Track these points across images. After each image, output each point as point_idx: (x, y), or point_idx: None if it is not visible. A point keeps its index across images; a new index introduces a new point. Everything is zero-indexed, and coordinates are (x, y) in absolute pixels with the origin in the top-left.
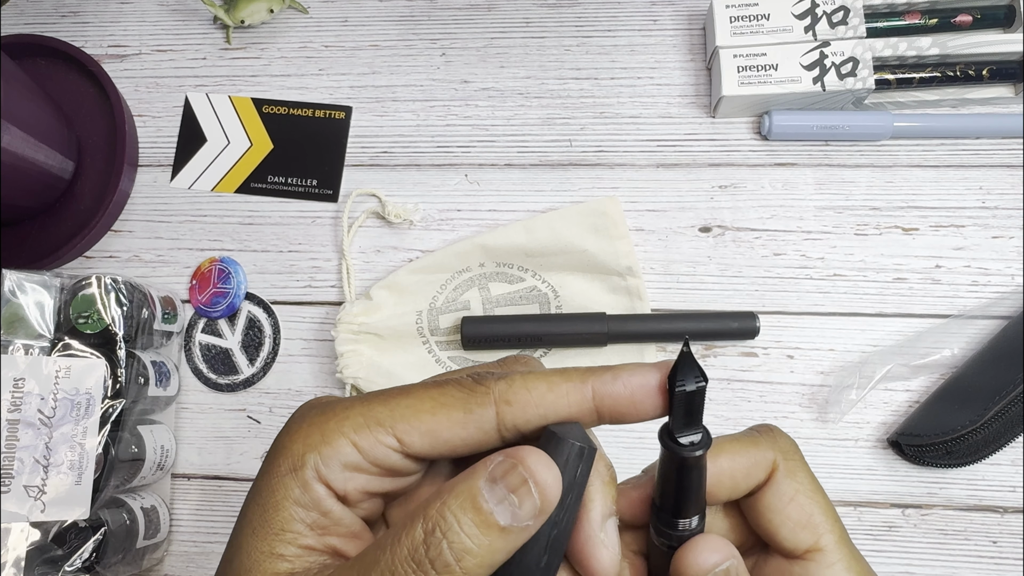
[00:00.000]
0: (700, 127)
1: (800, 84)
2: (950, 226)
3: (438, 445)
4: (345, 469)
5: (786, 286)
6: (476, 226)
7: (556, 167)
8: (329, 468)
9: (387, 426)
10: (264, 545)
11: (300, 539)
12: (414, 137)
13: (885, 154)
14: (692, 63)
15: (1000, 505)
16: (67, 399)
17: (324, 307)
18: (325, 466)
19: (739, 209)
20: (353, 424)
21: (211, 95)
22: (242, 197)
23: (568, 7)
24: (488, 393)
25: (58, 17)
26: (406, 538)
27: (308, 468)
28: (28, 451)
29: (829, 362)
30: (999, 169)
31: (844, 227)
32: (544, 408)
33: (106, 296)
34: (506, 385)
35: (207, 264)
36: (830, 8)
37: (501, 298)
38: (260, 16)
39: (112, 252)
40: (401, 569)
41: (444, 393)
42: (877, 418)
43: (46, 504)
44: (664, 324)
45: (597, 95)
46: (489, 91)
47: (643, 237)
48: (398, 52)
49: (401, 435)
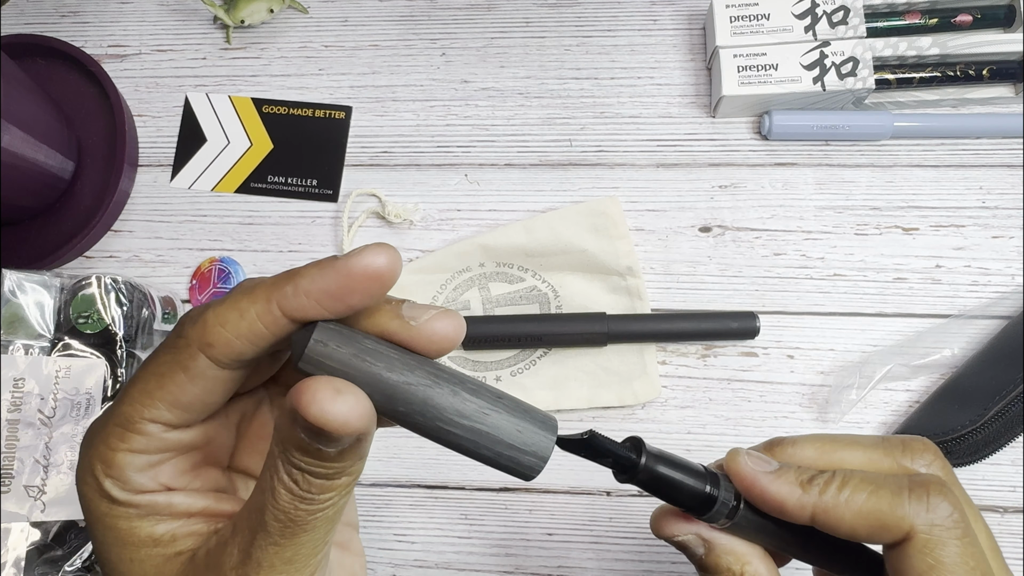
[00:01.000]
0: (700, 127)
1: (800, 84)
2: (950, 226)
3: (187, 404)
4: (143, 471)
5: (786, 286)
6: (476, 226)
7: (556, 167)
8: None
9: (137, 420)
10: (138, 553)
11: (162, 541)
12: (414, 137)
13: (885, 154)
14: (692, 63)
15: (1000, 505)
16: (67, 399)
17: None
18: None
19: (739, 209)
20: (114, 436)
21: (211, 95)
22: (242, 197)
23: (568, 7)
24: (189, 345)
25: (58, 17)
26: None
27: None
28: (28, 451)
29: (829, 362)
30: (999, 169)
31: (844, 227)
32: (244, 339)
33: (106, 296)
34: (201, 329)
35: (207, 264)
36: (830, 8)
37: (501, 298)
38: (260, 16)
39: (112, 252)
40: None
41: (159, 363)
42: (877, 418)
43: (46, 504)
44: (664, 324)
45: (597, 95)
46: (489, 91)
47: (643, 237)
48: (398, 52)
49: (154, 418)
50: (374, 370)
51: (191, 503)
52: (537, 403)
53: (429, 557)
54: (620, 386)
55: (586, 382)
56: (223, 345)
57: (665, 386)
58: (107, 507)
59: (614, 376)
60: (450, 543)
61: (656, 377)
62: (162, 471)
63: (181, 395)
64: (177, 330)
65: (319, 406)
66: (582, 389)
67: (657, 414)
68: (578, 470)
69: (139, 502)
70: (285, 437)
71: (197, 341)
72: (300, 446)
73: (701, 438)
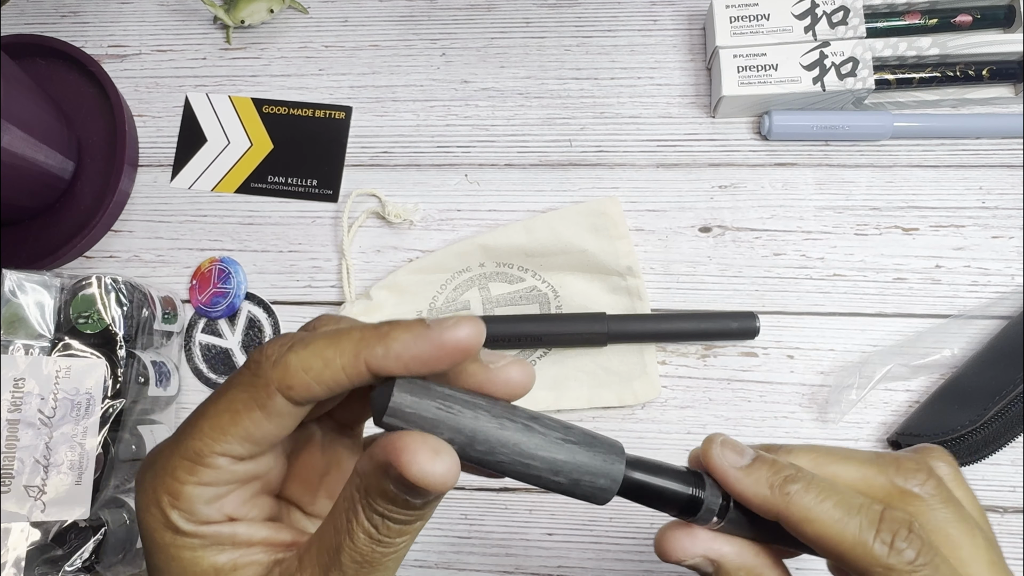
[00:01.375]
0: (700, 127)
1: (800, 84)
2: (950, 226)
3: (260, 439)
4: (210, 503)
5: (786, 286)
6: (476, 226)
7: (556, 167)
8: (196, 515)
9: (207, 454)
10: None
11: (224, 570)
12: (414, 137)
13: (885, 154)
14: (692, 63)
15: (1000, 505)
16: (67, 399)
17: (324, 307)
18: (193, 517)
19: (739, 209)
20: (182, 469)
21: (211, 95)
22: (242, 197)
23: (568, 7)
24: (269, 385)
25: (58, 17)
26: (357, 526)
27: (182, 524)
28: (28, 451)
29: (829, 362)
30: (999, 169)
31: (844, 227)
32: (325, 385)
33: (106, 296)
34: (282, 371)
35: (207, 264)
36: (830, 8)
37: (501, 298)
38: (260, 16)
39: (112, 252)
40: (365, 547)
41: (233, 400)
42: (877, 418)
43: (46, 504)
44: (664, 324)
45: (597, 95)
46: (489, 91)
47: (643, 237)
48: (398, 52)
49: (225, 452)
50: (460, 419)
51: (252, 533)
52: (537, 403)
53: (429, 557)
54: (620, 386)
55: (586, 382)
56: (303, 388)
57: (665, 386)
58: (171, 537)
59: (614, 376)
60: (450, 543)
61: (656, 377)
62: (226, 502)
63: (255, 431)
64: (253, 368)
65: (420, 466)
66: (582, 389)
67: (657, 414)
68: None
69: (204, 532)
70: (370, 486)
71: (277, 382)
72: (387, 496)
73: (701, 438)
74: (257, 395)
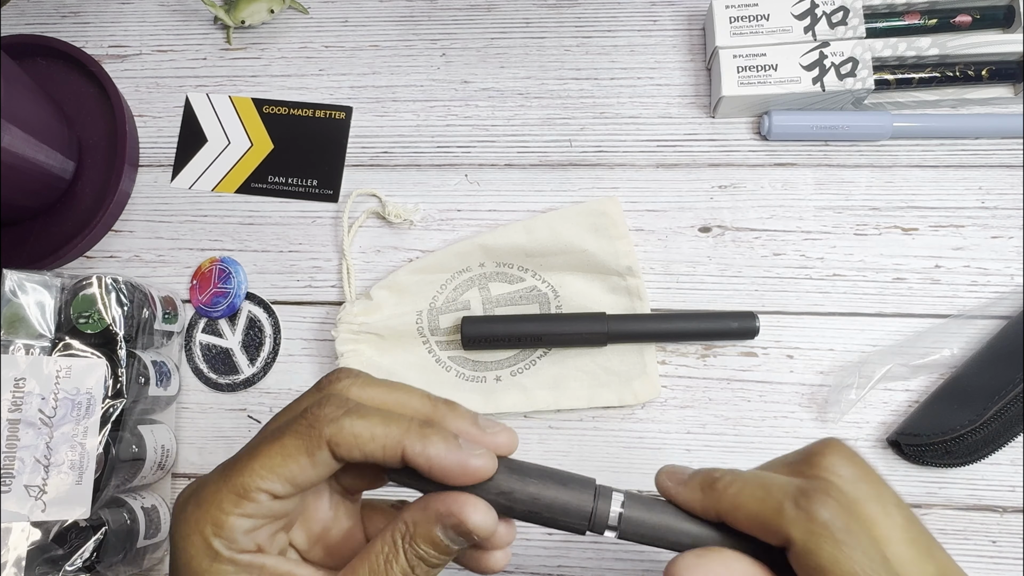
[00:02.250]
0: (700, 127)
1: (800, 84)
2: (949, 226)
3: (300, 483)
4: (248, 534)
5: (786, 286)
6: (476, 226)
7: (556, 167)
8: (235, 543)
9: (253, 489)
10: None
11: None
12: (414, 137)
13: (885, 154)
14: (692, 63)
15: (999, 505)
16: (68, 399)
17: (324, 307)
18: (232, 545)
19: (739, 209)
20: (228, 502)
21: (211, 95)
22: (242, 197)
23: (568, 7)
24: (321, 438)
25: (58, 17)
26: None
27: (223, 551)
28: (29, 451)
29: (829, 362)
30: (999, 169)
31: (844, 227)
32: (364, 453)
33: (107, 296)
34: (335, 430)
35: (207, 264)
36: (830, 8)
37: (501, 298)
38: (260, 16)
39: (113, 252)
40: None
41: (286, 446)
42: (877, 418)
43: (47, 504)
44: (664, 324)
45: (597, 95)
46: (489, 91)
47: (643, 237)
48: (398, 52)
49: (269, 489)
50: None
51: (277, 564)
52: (537, 403)
53: None
54: (620, 386)
55: (586, 382)
56: (348, 448)
57: (665, 386)
58: (208, 563)
59: (614, 376)
60: None
61: (656, 377)
62: (258, 534)
63: (299, 474)
64: (311, 420)
65: (480, 516)
66: (582, 389)
67: (657, 414)
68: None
69: (239, 560)
70: (418, 532)
71: (329, 439)
72: (431, 540)
73: (701, 438)
74: (309, 444)
